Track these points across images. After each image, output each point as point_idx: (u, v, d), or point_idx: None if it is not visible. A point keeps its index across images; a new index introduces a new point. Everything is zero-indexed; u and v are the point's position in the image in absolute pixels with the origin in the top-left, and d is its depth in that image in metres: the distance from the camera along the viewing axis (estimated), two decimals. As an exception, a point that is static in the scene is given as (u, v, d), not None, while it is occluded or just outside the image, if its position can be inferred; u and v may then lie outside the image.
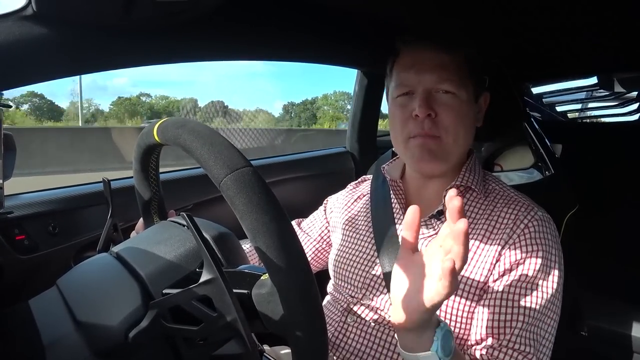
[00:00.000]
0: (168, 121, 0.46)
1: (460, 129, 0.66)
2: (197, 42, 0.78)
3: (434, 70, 0.65)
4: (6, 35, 0.55)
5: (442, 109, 0.65)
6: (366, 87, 1.31)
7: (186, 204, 1.05)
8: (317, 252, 0.89)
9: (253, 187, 0.36)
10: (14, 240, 0.80)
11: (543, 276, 0.61)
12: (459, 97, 0.65)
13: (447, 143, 0.66)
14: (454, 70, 0.65)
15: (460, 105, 0.65)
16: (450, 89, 0.65)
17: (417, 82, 0.66)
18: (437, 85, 0.65)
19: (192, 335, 0.40)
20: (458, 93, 0.65)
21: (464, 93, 0.66)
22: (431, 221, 0.69)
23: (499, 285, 0.61)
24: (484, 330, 0.59)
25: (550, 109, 1.39)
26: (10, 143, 0.63)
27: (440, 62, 0.65)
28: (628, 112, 1.28)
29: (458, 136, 0.66)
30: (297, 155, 1.39)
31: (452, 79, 0.65)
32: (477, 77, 0.68)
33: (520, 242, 0.62)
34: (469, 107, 0.67)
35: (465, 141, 0.68)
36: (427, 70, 0.65)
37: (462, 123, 0.66)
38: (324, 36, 0.96)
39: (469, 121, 0.68)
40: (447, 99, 0.65)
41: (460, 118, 0.65)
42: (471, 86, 0.67)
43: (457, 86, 0.65)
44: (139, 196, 0.59)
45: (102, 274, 0.47)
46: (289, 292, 0.37)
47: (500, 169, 1.08)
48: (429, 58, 0.66)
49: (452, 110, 0.65)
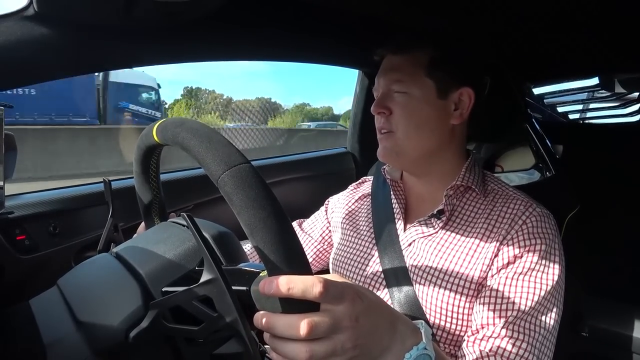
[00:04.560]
0: (167, 121, 0.46)
1: (410, 125, 0.69)
2: (197, 42, 0.78)
3: (386, 73, 0.71)
4: (7, 35, 0.56)
5: (395, 107, 0.69)
6: (367, 88, 1.31)
7: (186, 205, 1.05)
8: (319, 253, 0.89)
9: (250, 183, 0.36)
10: (15, 240, 0.80)
11: (543, 269, 0.61)
12: (411, 95, 0.68)
13: (398, 138, 0.70)
14: (405, 71, 0.69)
15: (410, 103, 0.69)
16: (399, 89, 0.69)
17: (377, 85, 0.73)
18: (390, 86, 0.70)
19: (192, 335, 0.40)
20: (408, 91, 0.68)
21: (417, 91, 0.68)
22: (431, 220, 0.69)
23: (498, 279, 0.61)
24: (485, 321, 0.59)
25: (551, 109, 1.39)
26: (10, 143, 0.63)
27: (391, 65, 0.71)
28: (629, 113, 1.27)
29: (408, 132, 0.69)
30: (298, 155, 1.39)
31: (401, 79, 0.69)
32: (441, 75, 0.69)
33: (519, 237, 0.62)
34: (423, 105, 0.69)
35: (419, 137, 0.69)
36: (382, 74, 0.72)
37: (413, 120, 0.69)
38: (324, 36, 0.97)
39: (424, 118, 0.69)
40: (399, 98, 0.69)
41: (410, 115, 0.69)
42: (430, 84, 0.68)
43: (407, 85, 0.68)
44: (140, 198, 0.59)
45: (102, 274, 0.47)
46: None
47: (501, 170, 1.08)
48: (386, 62, 0.73)
49: (403, 108, 0.69)
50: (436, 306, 0.63)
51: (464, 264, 0.64)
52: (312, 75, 54.70)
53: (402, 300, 0.66)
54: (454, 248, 0.66)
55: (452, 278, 0.63)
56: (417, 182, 0.75)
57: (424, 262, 0.67)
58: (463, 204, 0.70)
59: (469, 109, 0.70)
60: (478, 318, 0.60)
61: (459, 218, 0.69)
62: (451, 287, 0.63)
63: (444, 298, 0.63)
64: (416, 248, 0.69)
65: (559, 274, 0.61)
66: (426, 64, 0.68)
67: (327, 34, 0.96)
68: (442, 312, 0.63)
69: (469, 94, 0.70)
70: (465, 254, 0.64)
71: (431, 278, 0.65)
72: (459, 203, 0.70)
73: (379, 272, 0.71)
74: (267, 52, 0.98)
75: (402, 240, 0.71)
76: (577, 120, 1.41)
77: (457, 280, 0.63)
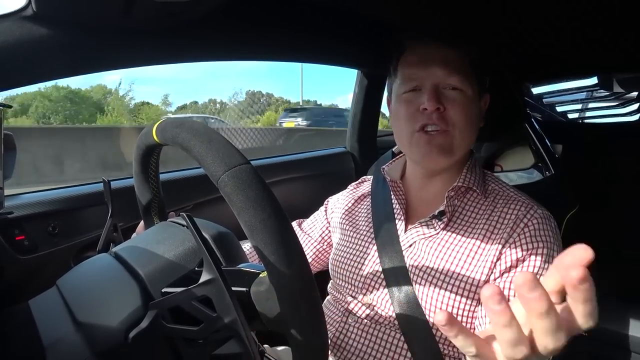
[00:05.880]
0: (166, 121, 0.46)
1: (466, 125, 0.66)
2: (197, 42, 0.78)
3: (442, 65, 0.66)
4: (6, 35, 0.55)
5: (449, 104, 0.66)
6: (366, 88, 1.31)
7: (186, 205, 1.05)
8: (318, 253, 0.89)
9: (250, 184, 0.36)
10: (14, 240, 0.80)
11: (545, 272, 0.61)
12: (466, 93, 0.66)
13: (454, 137, 0.66)
14: (459, 67, 0.66)
15: (466, 101, 0.66)
16: (457, 85, 0.66)
17: (426, 76, 0.67)
18: (445, 80, 0.66)
19: (192, 335, 0.40)
20: (464, 89, 0.66)
21: (470, 90, 0.67)
22: (432, 222, 0.69)
23: (502, 283, 0.61)
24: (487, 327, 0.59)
25: (550, 109, 1.39)
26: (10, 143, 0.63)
27: (446, 58, 0.66)
28: (628, 112, 1.27)
29: (465, 132, 0.67)
30: (297, 155, 1.39)
31: (459, 74, 0.65)
32: (479, 76, 0.69)
33: (521, 240, 0.62)
34: (474, 105, 0.68)
35: (470, 138, 0.69)
36: (434, 65, 0.66)
37: (469, 119, 0.67)
38: (324, 36, 0.96)
39: (475, 118, 0.69)
40: (454, 95, 0.66)
41: (467, 114, 0.66)
42: (475, 84, 0.68)
43: (463, 82, 0.66)
44: (139, 198, 0.59)
45: (102, 274, 0.47)
46: (287, 289, 0.37)
47: (501, 170, 1.08)
48: (436, 53, 0.67)
49: (459, 106, 0.66)
50: (436, 307, 0.63)
51: (465, 266, 0.64)
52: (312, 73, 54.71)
53: (402, 300, 0.66)
54: (455, 249, 0.66)
55: (453, 279, 0.63)
56: (420, 183, 0.75)
57: (424, 263, 0.67)
58: (464, 204, 0.70)
59: (485, 112, 0.72)
60: (482, 323, 0.60)
61: (460, 219, 0.68)
62: (452, 289, 0.63)
63: (444, 299, 0.63)
64: (417, 249, 0.69)
65: None
66: (470, 64, 0.67)
67: (327, 34, 0.96)
68: None
69: (486, 98, 0.72)
70: (466, 255, 0.64)
71: (431, 279, 0.65)
72: (459, 204, 0.70)
73: (378, 272, 0.70)
74: (267, 52, 0.98)
75: (403, 241, 0.71)
76: (576, 119, 1.41)
77: (457, 281, 0.63)
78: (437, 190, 0.72)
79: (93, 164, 5.91)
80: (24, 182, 4.17)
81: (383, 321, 0.68)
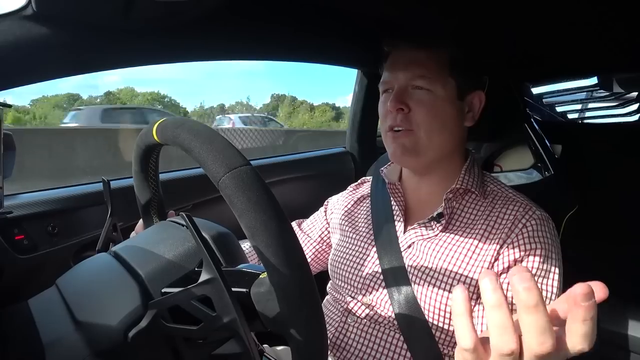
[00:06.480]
0: (167, 121, 0.45)
1: (433, 125, 0.66)
2: (197, 42, 0.78)
3: (407, 68, 0.67)
4: (6, 35, 0.55)
5: (415, 104, 0.66)
6: (366, 87, 1.31)
7: (185, 204, 1.05)
8: (317, 253, 0.89)
9: (251, 185, 0.36)
10: (14, 240, 0.80)
11: (543, 273, 0.61)
12: (434, 93, 0.66)
13: (419, 137, 0.67)
14: (430, 67, 0.66)
15: (434, 101, 0.66)
16: (423, 85, 0.66)
17: (394, 79, 0.69)
18: (410, 81, 0.67)
19: (191, 335, 0.40)
20: (432, 89, 0.66)
21: (441, 90, 0.66)
22: (431, 223, 0.69)
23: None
24: (485, 327, 0.59)
25: (550, 109, 1.39)
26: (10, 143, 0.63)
27: (414, 60, 0.67)
28: (628, 112, 1.27)
29: (432, 132, 0.67)
30: (297, 155, 1.39)
31: (427, 75, 0.66)
32: (461, 75, 0.68)
33: (519, 241, 0.62)
34: (446, 104, 0.67)
35: (441, 137, 0.68)
36: (401, 67, 0.68)
37: (437, 119, 0.67)
38: (324, 36, 0.96)
39: (446, 118, 0.68)
40: (420, 95, 0.67)
41: (434, 114, 0.66)
42: (452, 84, 0.67)
43: (432, 83, 0.66)
44: (139, 197, 0.59)
45: (101, 274, 0.47)
46: (287, 290, 0.37)
47: (500, 170, 1.08)
48: (404, 56, 0.69)
49: (425, 106, 0.66)
50: (435, 307, 0.63)
51: (463, 266, 0.64)
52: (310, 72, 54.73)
53: (402, 300, 0.66)
54: (453, 249, 0.66)
55: (452, 280, 0.63)
56: (417, 184, 0.75)
57: (423, 264, 0.67)
58: (462, 206, 0.70)
59: (479, 112, 0.71)
60: (478, 324, 0.60)
61: (458, 221, 0.68)
62: (450, 289, 0.63)
63: (443, 300, 0.63)
64: (416, 250, 0.69)
65: (558, 278, 0.62)
66: (448, 63, 0.67)
67: (327, 34, 0.96)
68: (441, 313, 0.63)
69: (479, 97, 0.71)
70: (464, 255, 0.64)
71: (430, 280, 0.65)
72: (458, 205, 0.70)
73: (378, 272, 0.70)
74: (267, 52, 0.98)
75: (402, 242, 0.71)
76: (575, 119, 1.41)
77: (456, 282, 0.63)
78: (433, 190, 0.72)
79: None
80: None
81: (382, 321, 0.68)
